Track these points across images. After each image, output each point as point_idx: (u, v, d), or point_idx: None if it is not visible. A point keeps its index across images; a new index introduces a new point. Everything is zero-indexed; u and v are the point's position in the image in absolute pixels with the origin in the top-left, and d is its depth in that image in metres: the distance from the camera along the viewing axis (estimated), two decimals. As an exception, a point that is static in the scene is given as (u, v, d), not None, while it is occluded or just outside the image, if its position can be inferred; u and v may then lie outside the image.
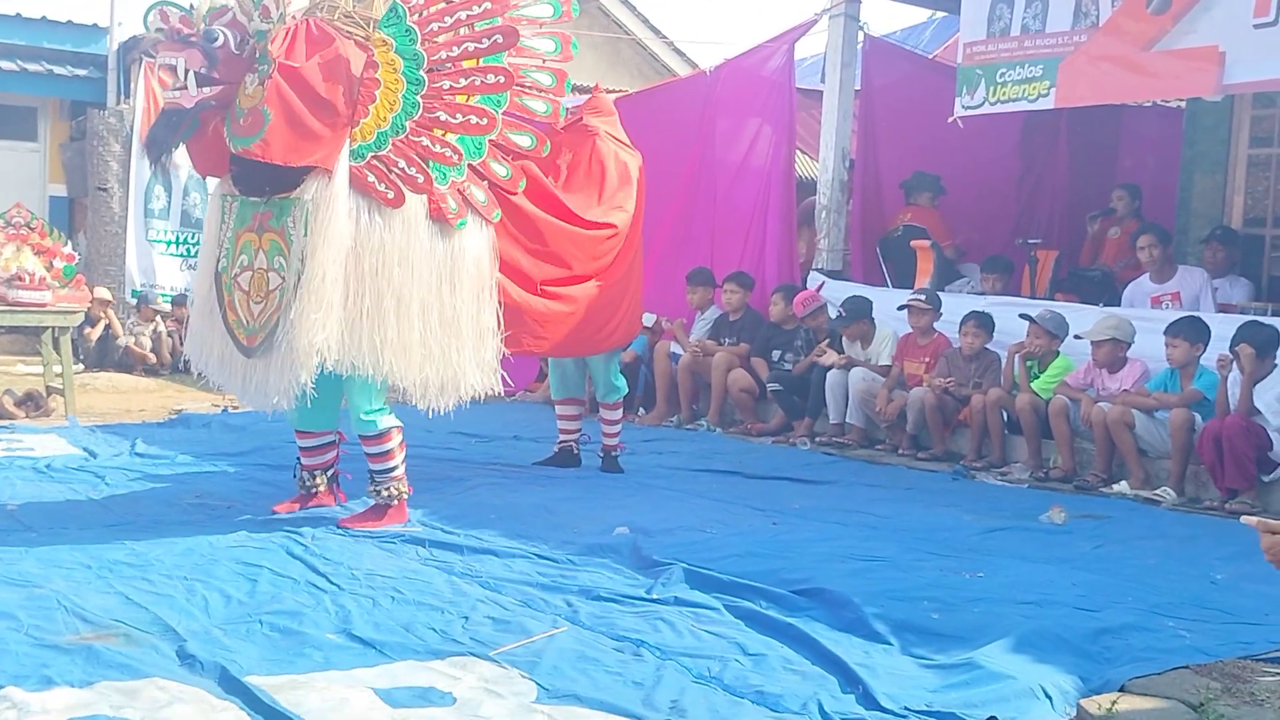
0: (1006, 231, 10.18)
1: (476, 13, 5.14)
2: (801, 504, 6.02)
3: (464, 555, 4.67)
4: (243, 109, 4.68)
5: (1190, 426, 6.44)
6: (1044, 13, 7.72)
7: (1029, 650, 3.62)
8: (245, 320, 4.86)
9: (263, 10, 4.67)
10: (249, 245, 4.88)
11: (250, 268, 4.87)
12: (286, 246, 4.77)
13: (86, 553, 4.43)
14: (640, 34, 16.21)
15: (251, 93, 4.66)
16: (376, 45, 4.93)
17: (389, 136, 4.96)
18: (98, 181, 12.19)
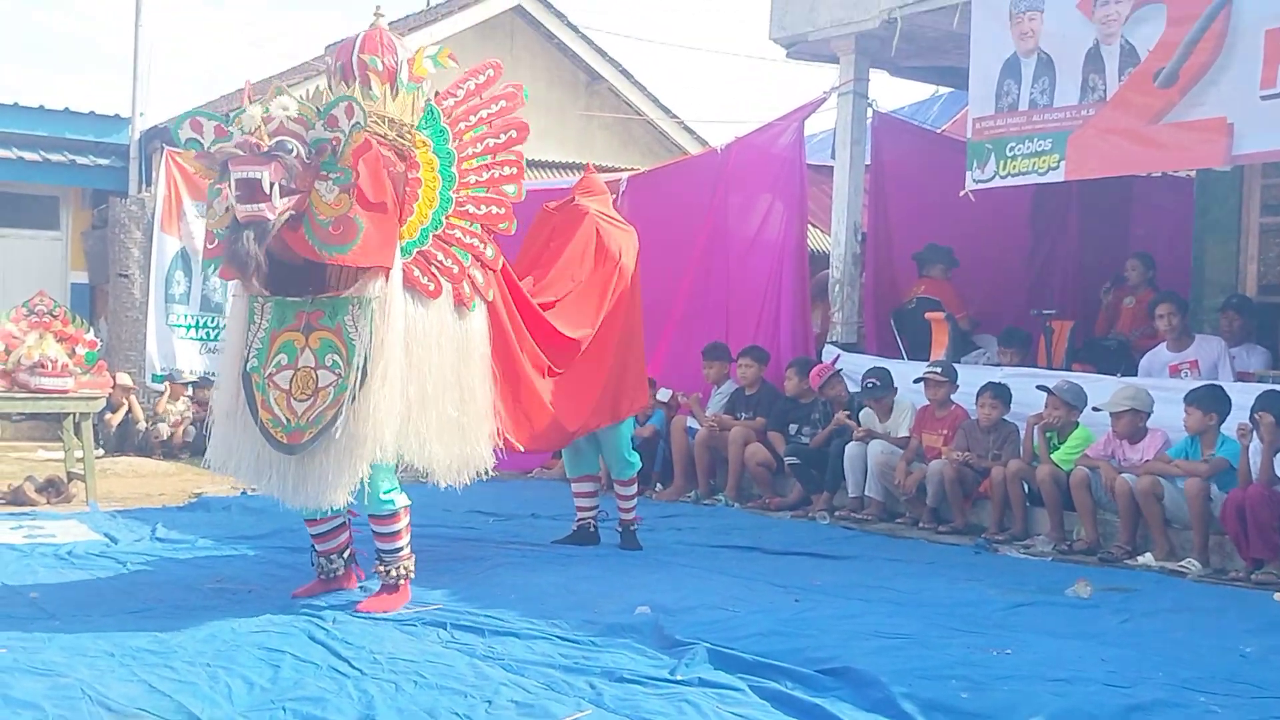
0: (1020, 302, 10.21)
1: (495, 110, 5.36)
2: (823, 580, 5.99)
3: (485, 637, 4.65)
4: (326, 217, 4.72)
5: (1207, 495, 6.41)
6: (1051, 87, 7.82)
7: (1061, 728, 3.57)
8: (285, 419, 4.82)
9: (330, 119, 4.74)
10: (290, 345, 4.86)
11: (292, 367, 4.85)
12: (343, 344, 4.82)
13: (110, 640, 4.42)
14: (651, 114, 16.43)
15: (333, 200, 4.73)
16: (418, 146, 5.05)
17: (430, 232, 5.10)
18: (119, 268, 12.34)
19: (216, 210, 4.81)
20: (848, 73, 9.62)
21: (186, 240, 12.45)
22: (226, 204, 4.71)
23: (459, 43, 14.54)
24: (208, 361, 12.53)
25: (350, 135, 4.74)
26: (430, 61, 5.20)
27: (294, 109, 4.73)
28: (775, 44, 10.00)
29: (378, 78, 5.04)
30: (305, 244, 4.74)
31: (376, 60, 5.04)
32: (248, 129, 4.69)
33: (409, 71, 5.16)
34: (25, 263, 13.04)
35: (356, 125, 4.73)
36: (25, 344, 7.95)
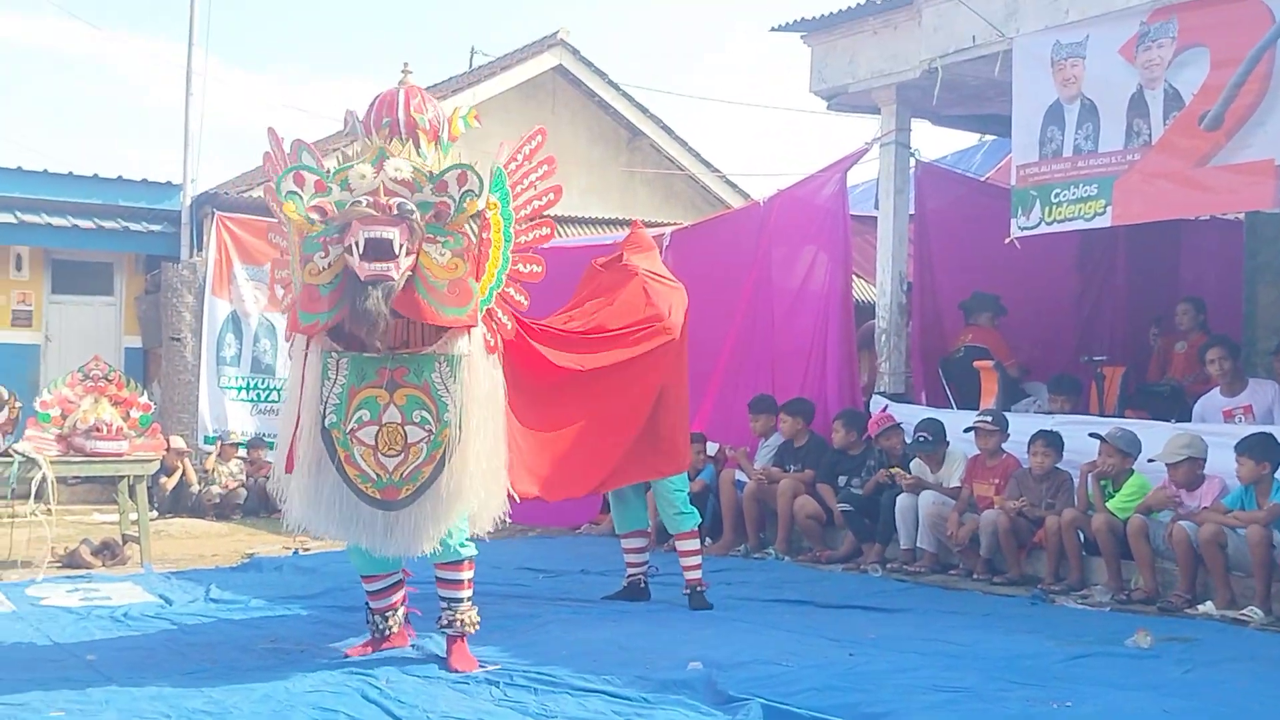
0: (1069, 349, 10.14)
1: (541, 173, 5.41)
2: (877, 633, 5.93)
3: (538, 695, 4.63)
4: (441, 280, 4.84)
5: (1269, 542, 6.29)
6: (1095, 133, 7.80)
7: (1124, 782, 3.50)
8: (375, 474, 4.87)
9: (439, 184, 4.87)
10: (372, 400, 4.89)
11: (375, 423, 4.88)
12: (432, 401, 4.89)
13: (166, 702, 4.45)
14: (693, 168, 16.54)
15: (446, 264, 4.85)
16: (491, 208, 5.11)
17: (494, 291, 5.19)
18: (171, 332, 12.53)
19: (318, 264, 4.82)
20: (889, 123, 9.65)
21: (237, 303, 12.65)
22: (329, 260, 4.79)
23: (502, 103, 14.75)
24: (259, 423, 12.67)
25: (462, 201, 4.85)
26: (462, 122, 5.28)
27: (407, 171, 4.84)
28: (816, 96, 10.06)
29: (425, 136, 5.11)
30: (419, 305, 4.82)
31: (424, 119, 5.11)
32: (358, 187, 4.79)
33: (449, 131, 5.23)
34: (81, 328, 13.27)
35: (469, 193, 4.86)
36: (81, 408, 8.08)
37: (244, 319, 12.66)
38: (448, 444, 4.89)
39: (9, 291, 13.06)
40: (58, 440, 8.02)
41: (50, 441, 7.98)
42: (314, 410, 4.96)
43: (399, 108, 5.09)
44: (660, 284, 6.51)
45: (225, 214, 12.70)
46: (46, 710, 4.29)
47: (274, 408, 12.79)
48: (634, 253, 6.64)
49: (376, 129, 5.12)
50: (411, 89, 5.19)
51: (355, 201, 4.76)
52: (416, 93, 5.18)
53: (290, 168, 4.93)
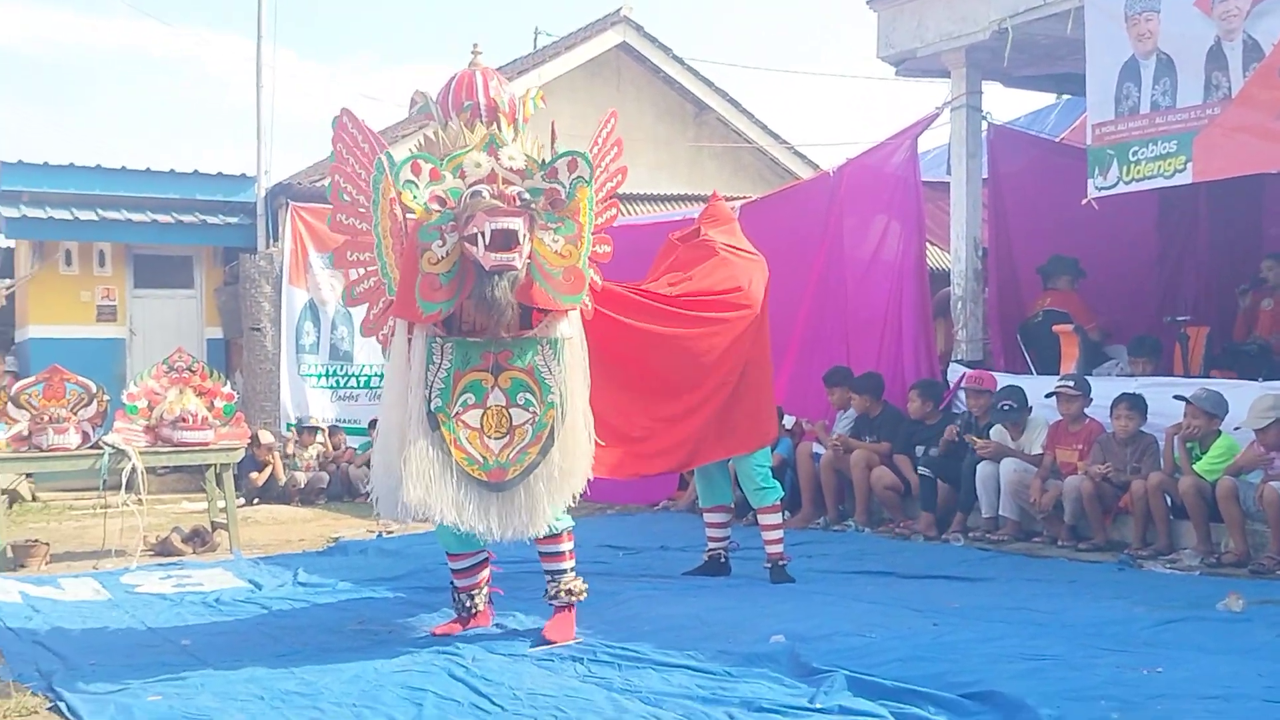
0: (1152, 310, 9.94)
1: (613, 155, 5.45)
2: (961, 603, 5.87)
3: (622, 670, 4.66)
4: (557, 268, 4.93)
5: (1368, 501, 6.13)
6: (1173, 88, 7.62)
7: (1219, 748, 3.45)
8: (482, 457, 4.92)
9: (550, 171, 4.95)
10: (477, 384, 4.95)
11: (480, 405, 4.94)
12: (536, 384, 4.98)
13: (259, 684, 4.54)
14: (760, 140, 16.44)
15: (561, 251, 4.95)
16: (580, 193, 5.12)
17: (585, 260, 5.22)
18: (251, 322, 12.75)
19: (436, 254, 4.84)
20: (959, 86, 9.51)
21: (314, 292, 12.83)
22: (447, 248, 4.83)
23: (568, 82, 14.76)
24: (339, 409, 12.88)
25: (573, 188, 4.91)
26: (531, 104, 5.32)
27: (520, 159, 4.92)
28: (883, 62, 9.93)
29: (505, 118, 5.15)
30: (536, 292, 4.91)
31: (503, 100, 5.15)
32: (472, 174, 4.87)
33: (522, 116, 5.26)
34: (163, 321, 13.57)
35: (579, 179, 4.91)
36: (167, 399, 8.26)
37: (321, 307, 12.85)
38: (552, 425, 4.96)
39: (93, 287, 13.38)
40: (145, 431, 8.21)
41: (138, 433, 8.17)
42: (419, 394, 4.97)
43: (479, 90, 5.11)
44: (739, 257, 6.43)
45: (299, 204, 12.89)
46: (144, 695, 4.40)
47: (353, 394, 12.99)
48: (712, 226, 6.60)
49: (456, 111, 5.15)
50: (486, 70, 5.22)
51: (475, 192, 4.83)
52: (492, 74, 5.21)
53: (407, 158, 4.96)
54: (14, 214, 12.67)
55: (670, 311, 5.94)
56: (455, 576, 5.49)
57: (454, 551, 5.41)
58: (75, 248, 13.26)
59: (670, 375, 5.95)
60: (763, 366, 6.48)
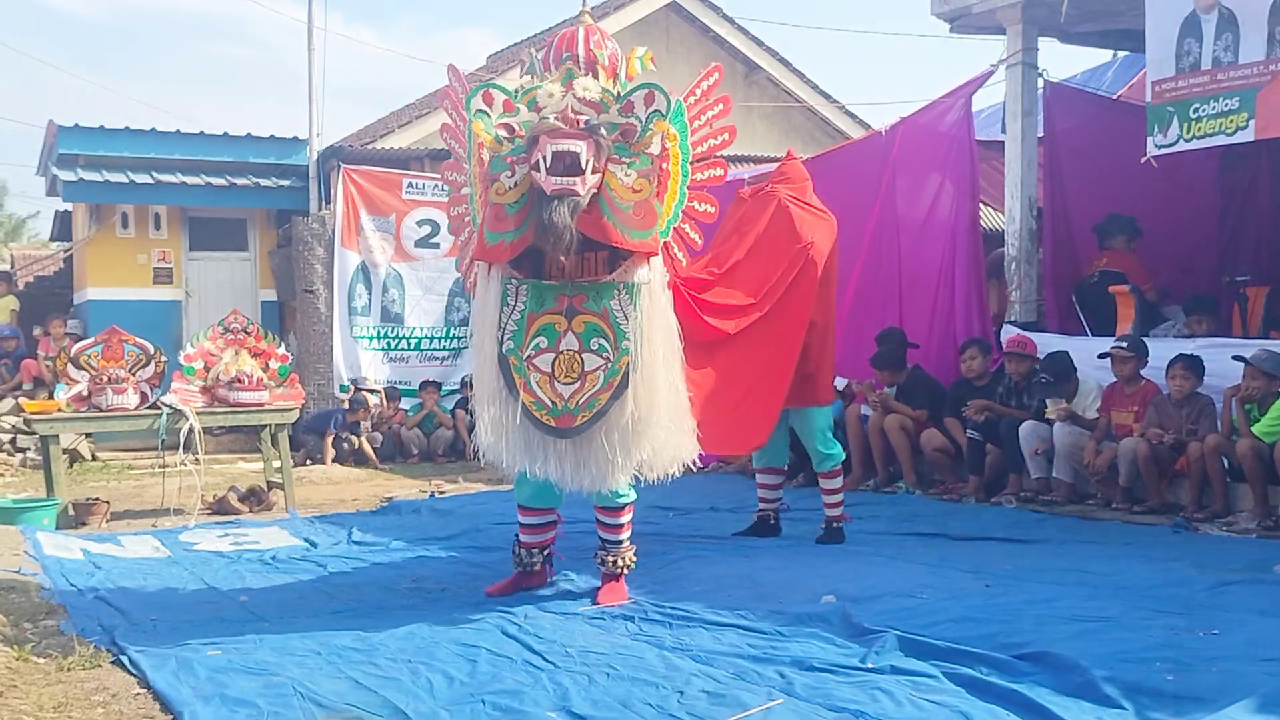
0: (1211, 270, 9.77)
1: (716, 111, 5.35)
2: (1013, 564, 5.84)
3: (672, 629, 4.69)
4: (627, 201, 4.81)
5: None
6: (1235, 44, 7.45)
7: (1276, 710, 3.41)
8: (551, 401, 4.85)
9: (626, 105, 4.88)
10: (550, 328, 4.88)
11: (553, 350, 4.87)
12: (610, 329, 4.88)
13: (315, 639, 4.61)
14: (811, 100, 16.29)
15: (633, 184, 4.84)
16: (671, 139, 5.07)
17: (671, 225, 5.21)
18: (304, 284, 12.87)
19: (504, 184, 4.82)
20: (1015, 43, 9.34)
21: (366, 254, 12.92)
22: (515, 179, 4.79)
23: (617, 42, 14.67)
24: (390, 370, 12.98)
25: (649, 122, 4.83)
26: (639, 62, 5.24)
27: (595, 91, 4.85)
28: (938, 19, 9.78)
29: (605, 71, 5.11)
30: (605, 227, 4.78)
31: (603, 54, 5.12)
32: (546, 105, 4.81)
33: (625, 70, 5.19)
34: (218, 283, 13.73)
35: (656, 113, 4.83)
36: (222, 360, 8.37)
37: (373, 269, 12.94)
38: (625, 371, 4.85)
39: (149, 250, 13.54)
40: (202, 392, 8.33)
41: (195, 394, 8.29)
42: (492, 336, 4.96)
43: (579, 44, 5.09)
44: (808, 212, 6.35)
45: (351, 166, 12.95)
46: (204, 649, 4.48)
47: (404, 355, 13.09)
48: (784, 184, 6.55)
49: (556, 65, 5.12)
50: (591, 27, 5.19)
51: (543, 119, 4.77)
52: (596, 30, 5.19)
53: (479, 85, 4.94)
54: (71, 177, 12.84)
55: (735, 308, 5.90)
56: (523, 531, 5.48)
57: (528, 506, 5.39)
58: (131, 211, 13.42)
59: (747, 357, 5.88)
60: (828, 325, 6.44)
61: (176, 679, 4.09)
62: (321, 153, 13.42)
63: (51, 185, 14.09)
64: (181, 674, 4.15)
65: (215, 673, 4.16)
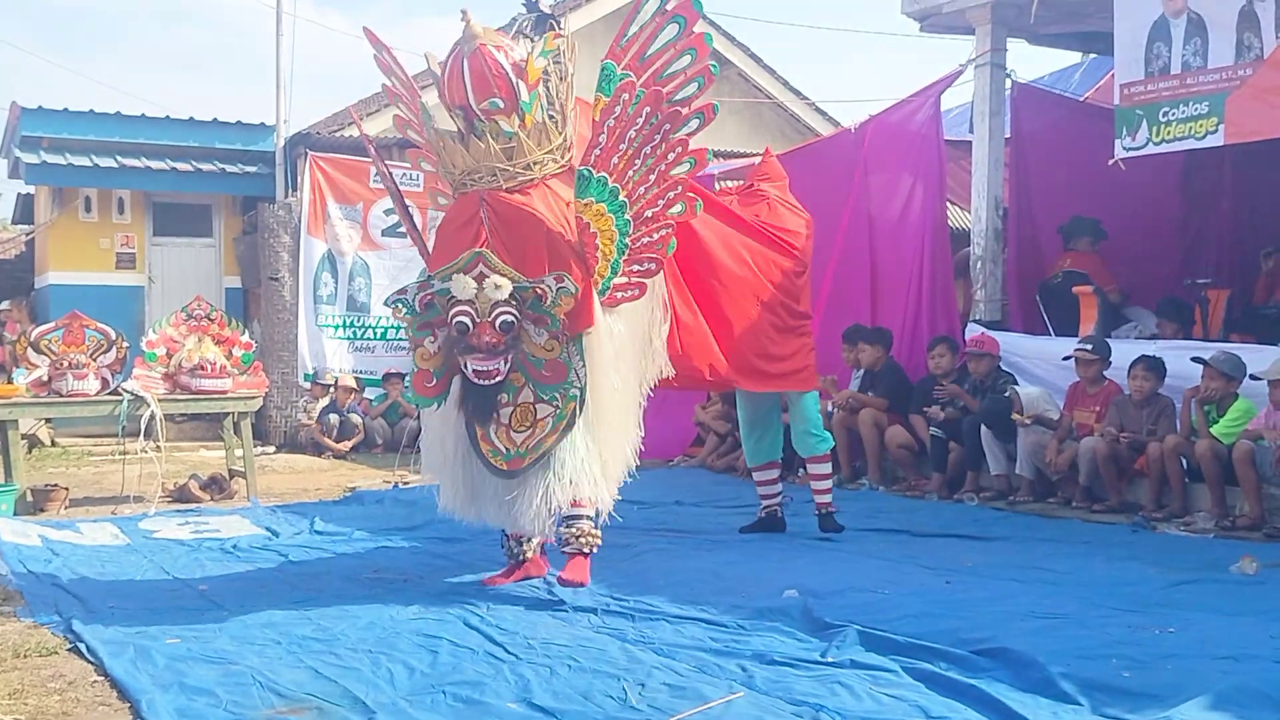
0: (1172, 273, 9.87)
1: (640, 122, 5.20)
2: (974, 561, 5.89)
3: (635, 622, 4.69)
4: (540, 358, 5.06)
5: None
6: (1204, 48, 7.52)
7: (1230, 708, 3.46)
8: (504, 448, 5.09)
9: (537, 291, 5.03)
10: (511, 385, 5.10)
11: (512, 404, 5.11)
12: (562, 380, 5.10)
13: (276, 629, 4.59)
14: (781, 96, 16.30)
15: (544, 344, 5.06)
16: (583, 211, 5.15)
17: (619, 262, 5.26)
18: (269, 272, 12.77)
19: (428, 349, 5.06)
20: (984, 43, 9.40)
21: (332, 242, 12.83)
22: (439, 344, 5.04)
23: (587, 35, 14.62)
24: (355, 360, 12.90)
25: (557, 296, 4.96)
26: (541, 57, 5.17)
27: (506, 291, 4.94)
28: (908, 18, 9.82)
29: (503, 116, 5.09)
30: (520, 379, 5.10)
31: (495, 101, 5.06)
32: (459, 293, 4.93)
33: (525, 86, 5.09)
34: (182, 269, 13.59)
35: (564, 291, 4.96)
36: (185, 347, 8.30)
37: (339, 258, 12.86)
38: (572, 414, 5.07)
39: (113, 235, 13.40)
40: (164, 379, 8.26)
41: (157, 380, 8.22)
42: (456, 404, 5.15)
43: (468, 95, 5.07)
44: (789, 210, 6.54)
45: (318, 154, 12.86)
46: (163, 638, 4.45)
47: (369, 345, 13.02)
48: (764, 181, 6.63)
49: (452, 110, 5.23)
50: (477, 66, 5.01)
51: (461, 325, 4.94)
52: (480, 68, 5.01)
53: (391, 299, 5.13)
54: (34, 160, 12.68)
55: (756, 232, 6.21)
56: None
57: None
58: (95, 194, 13.27)
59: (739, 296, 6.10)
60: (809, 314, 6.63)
61: (134, 667, 4.06)
62: (289, 139, 13.31)
63: (14, 168, 13.90)
64: (139, 662, 4.12)
65: (173, 661, 4.13)
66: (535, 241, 5.07)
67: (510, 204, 5.11)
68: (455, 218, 5.25)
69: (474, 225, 5.12)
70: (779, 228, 6.38)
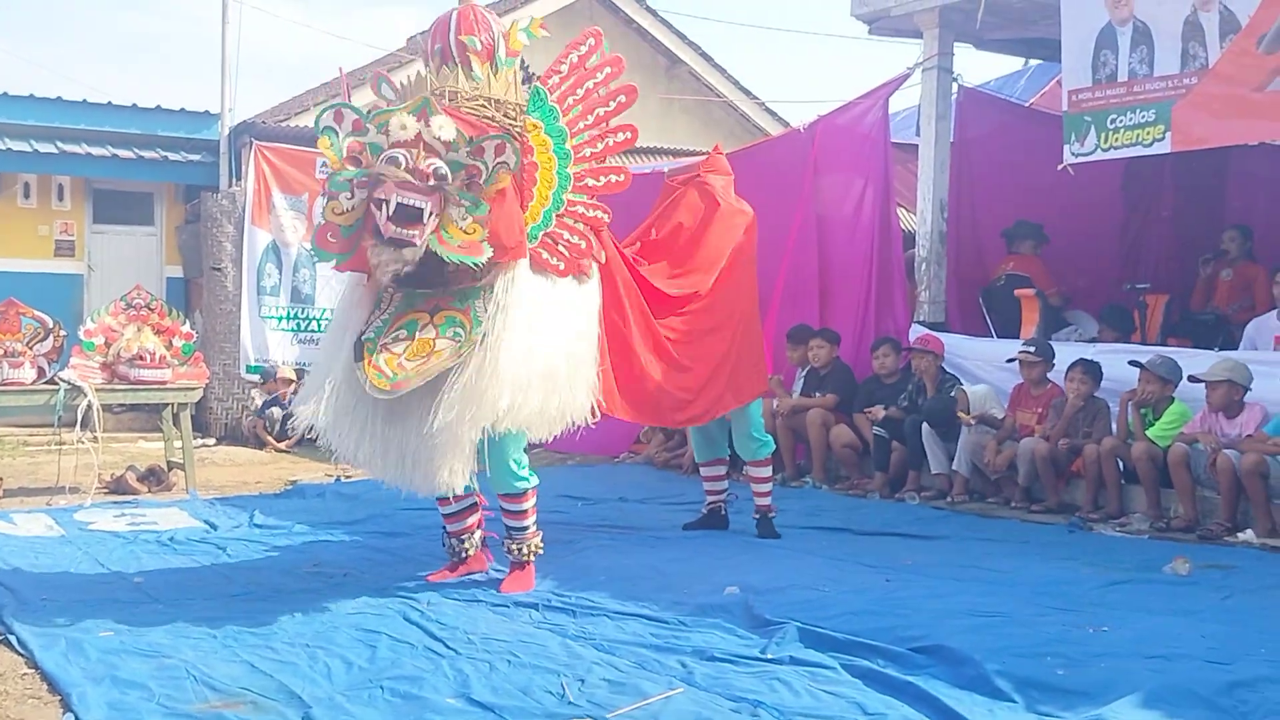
0: (1112, 277, 10.01)
1: (601, 79, 5.32)
2: (913, 560, 5.95)
3: (576, 618, 4.69)
4: (457, 239, 4.82)
5: (1314, 472, 6.23)
6: (1150, 57, 7.61)
7: (1160, 705, 3.52)
8: (391, 372, 4.78)
9: (476, 149, 4.86)
10: (413, 322, 4.91)
11: (409, 339, 4.88)
12: (469, 320, 4.90)
13: (212, 622, 4.53)
14: (731, 96, 16.35)
15: (465, 228, 4.84)
16: (530, 130, 5.09)
17: (552, 213, 5.17)
18: (212, 262, 12.60)
19: (342, 204, 4.83)
20: (931, 47, 9.47)
21: (276, 233, 12.68)
22: (354, 202, 4.79)
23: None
24: (299, 351, 12.77)
25: (493, 172, 4.84)
26: (524, 34, 5.23)
27: (450, 132, 4.78)
28: (857, 20, 9.87)
29: (477, 58, 5.10)
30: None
31: (474, 40, 5.09)
32: (395, 137, 4.75)
33: (505, 47, 5.18)
34: (123, 258, 13.37)
35: (502, 165, 4.85)
36: (124, 337, 8.17)
37: (284, 249, 12.71)
38: (470, 353, 4.83)
39: (52, 221, 13.15)
40: (102, 368, 8.12)
41: (95, 370, 8.08)
42: (355, 330, 5.00)
43: (448, 31, 5.09)
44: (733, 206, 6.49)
45: (264, 143, 12.70)
46: (96, 631, 4.39)
47: (314, 337, 12.87)
48: (713, 176, 6.59)
49: (430, 55, 5.15)
50: (465, 10, 5.14)
51: (392, 157, 4.71)
52: (468, 13, 5.13)
53: (329, 105, 4.95)
54: (-29, 144, 12.44)
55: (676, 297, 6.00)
56: (445, 521, 5.50)
57: (441, 496, 5.32)
58: (34, 180, 13.02)
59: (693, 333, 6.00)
60: (754, 319, 6.57)
61: (66, 659, 4.01)
62: (233, 128, 13.13)
63: (-50, 152, 13.62)
64: (71, 655, 4.06)
65: (106, 654, 4.09)
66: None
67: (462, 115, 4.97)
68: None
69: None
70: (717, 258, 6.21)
